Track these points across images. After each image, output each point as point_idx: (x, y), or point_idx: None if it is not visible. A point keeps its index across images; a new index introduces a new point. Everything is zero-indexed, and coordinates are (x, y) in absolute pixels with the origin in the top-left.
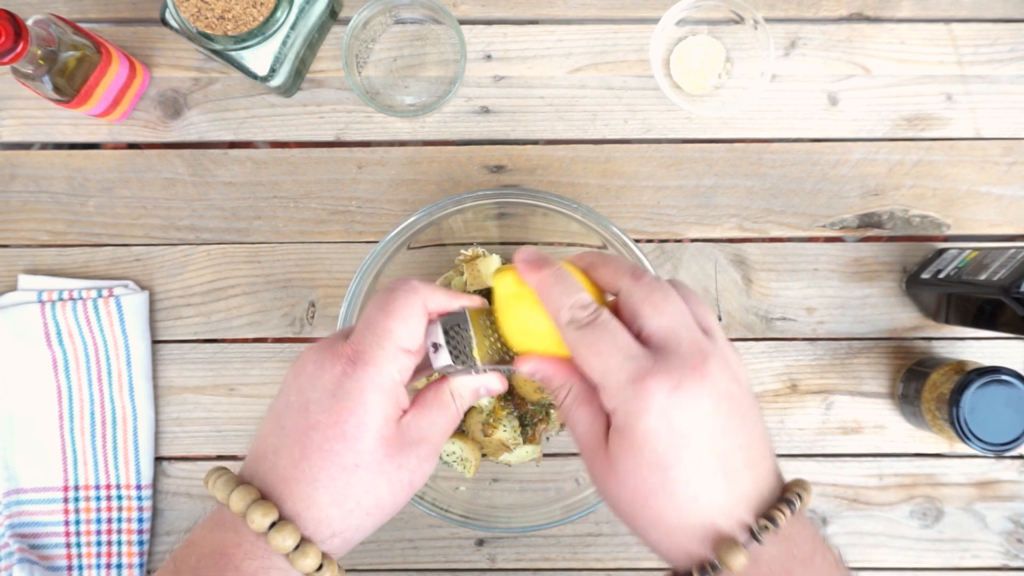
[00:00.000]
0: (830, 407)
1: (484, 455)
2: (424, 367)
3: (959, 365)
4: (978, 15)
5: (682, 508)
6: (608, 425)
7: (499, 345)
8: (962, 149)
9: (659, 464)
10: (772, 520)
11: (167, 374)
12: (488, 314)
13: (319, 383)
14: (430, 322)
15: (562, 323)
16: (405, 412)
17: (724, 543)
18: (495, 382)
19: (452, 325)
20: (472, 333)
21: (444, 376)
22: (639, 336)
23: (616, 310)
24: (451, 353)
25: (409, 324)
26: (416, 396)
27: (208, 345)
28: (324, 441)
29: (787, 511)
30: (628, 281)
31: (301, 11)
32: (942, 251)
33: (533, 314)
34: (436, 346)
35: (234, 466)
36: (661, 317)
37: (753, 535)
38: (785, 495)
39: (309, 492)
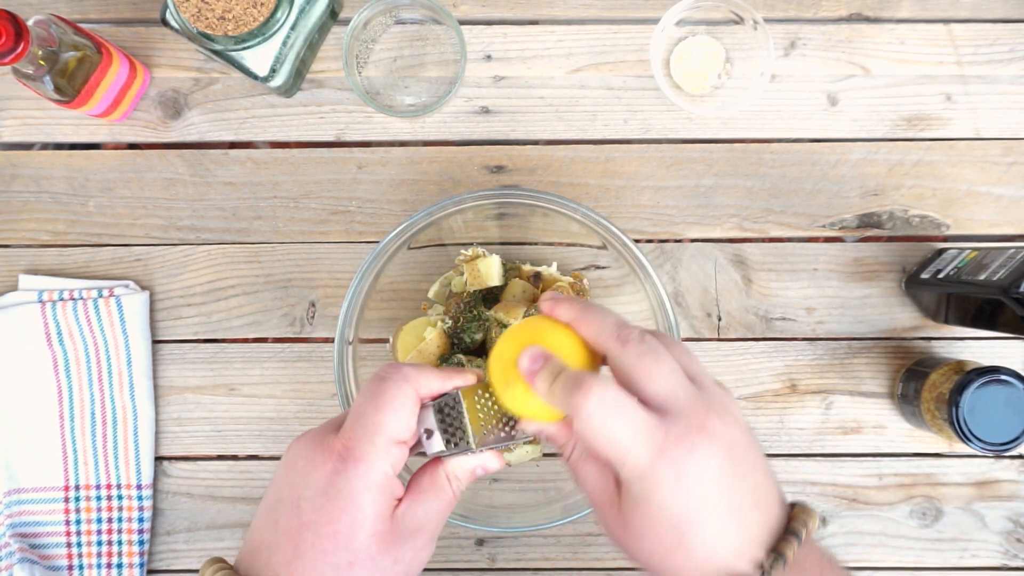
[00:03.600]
0: (830, 407)
1: None
2: (420, 446)
3: (958, 365)
4: (978, 15)
5: (700, 561)
6: (617, 478)
7: (495, 422)
8: (962, 149)
9: (675, 526)
10: (782, 554)
11: (167, 374)
12: (483, 391)
13: (310, 480)
14: (422, 407)
15: (609, 345)
16: (400, 500)
17: None
18: (493, 461)
19: (444, 407)
20: (466, 414)
21: (439, 458)
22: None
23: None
24: (444, 437)
25: (400, 415)
26: (411, 482)
27: (208, 345)
28: (317, 540)
29: (795, 542)
30: (615, 345)
31: (301, 11)
32: (942, 251)
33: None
34: (429, 432)
35: (233, 465)
36: (656, 382)
37: (765, 572)
38: (791, 525)
39: None
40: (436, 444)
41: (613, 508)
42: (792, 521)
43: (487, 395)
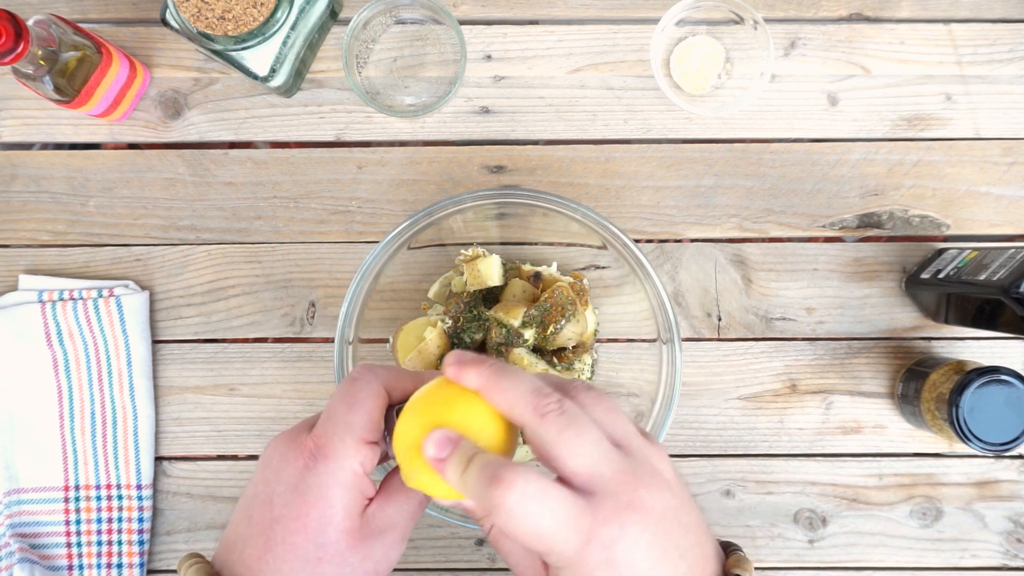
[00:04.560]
0: (830, 407)
1: None
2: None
3: (958, 365)
4: (978, 15)
5: None
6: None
7: None
8: (961, 149)
9: None
10: None
11: (167, 374)
12: None
13: (283, 476)
14: (390, 407)
15: (525, 418)
16: (371, 500)
17: None
18: None
19: None
20: None
21: None
22: (558, 476)
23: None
24: None
25: (371, 416)
26: (383, 483)
27: (208, 345)
28: (288, 534)
29: None
30: (532, 419)
31: (301, 11)
32: (942, 251)
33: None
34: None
35: (233, 465)
36: (578, 458)
37: None
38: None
39: None
40: None
41: None
42: (727, 573)
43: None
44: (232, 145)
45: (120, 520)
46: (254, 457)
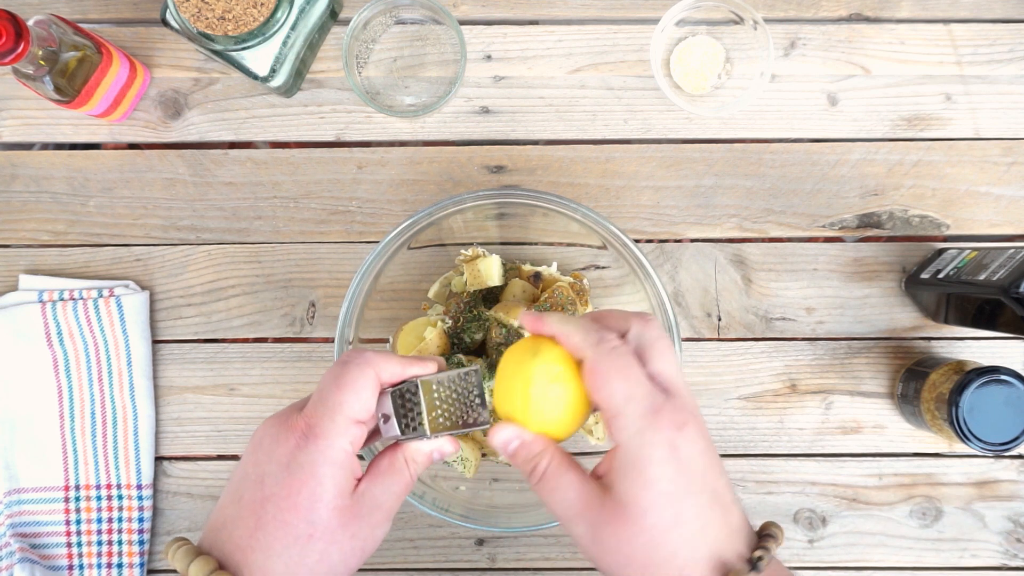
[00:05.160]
0: (830, 407)
1: (484, 455)
2: (379, 433)
3: (958, 365)
4: (978, 15)
5: (694, 540)
6: (598, 480)
7: (450, 411)
8: (961, 149)
9: (673, 495)
10: (767, 549)
11: (167, 374)
12: (442, 381)
13: (274, 456)
14: (382, 392)
15: (590, 346)
16: (359, 480)
17: (733, 573)
18: (448, 445)
19: (403, 394)
20: (423, 402)
21: (399, 442)
22: None
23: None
24: (400, 423)
25: (361, 397)
26: (371, 464)
27: (208, 345)
28: (278, 512)
29: (773, 546)
30: (637, 325)
31: (301, 11)
32: (941, 251)
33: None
34: (386, 416)
35: (233, 465)
36: (664, 363)
37: (753, 566)
38: (765, 531)
39: (263, 561)
40: (392, 429)
41: (602, 504)
42: (764, 529)
43: (446, 385)
44: (232, 145)
45: (120, 520)
46: None
